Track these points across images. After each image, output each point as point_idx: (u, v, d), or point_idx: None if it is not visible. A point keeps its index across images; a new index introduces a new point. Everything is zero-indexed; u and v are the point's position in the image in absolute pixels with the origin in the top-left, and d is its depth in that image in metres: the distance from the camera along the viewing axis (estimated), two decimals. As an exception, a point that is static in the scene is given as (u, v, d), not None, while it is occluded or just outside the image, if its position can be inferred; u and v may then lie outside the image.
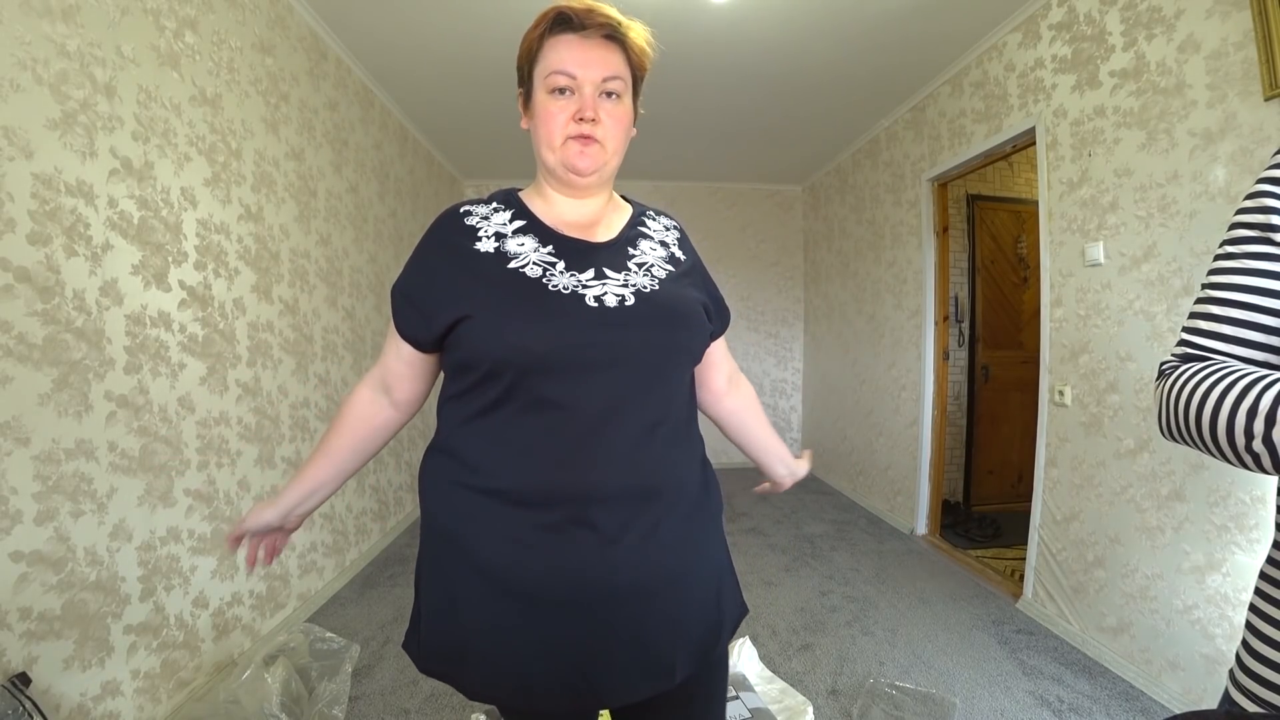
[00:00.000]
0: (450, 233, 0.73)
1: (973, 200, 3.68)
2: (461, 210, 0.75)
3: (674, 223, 0.85)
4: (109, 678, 1.43)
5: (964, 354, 3.72)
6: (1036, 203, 2.33)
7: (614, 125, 0.72)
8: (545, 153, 0.72)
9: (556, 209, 0.76)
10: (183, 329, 1.72)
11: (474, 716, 1.64)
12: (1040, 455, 2.32)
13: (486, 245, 0.71)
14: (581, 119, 0.69)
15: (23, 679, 1.18)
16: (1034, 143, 2.37)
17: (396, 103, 3.30)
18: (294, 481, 0.80)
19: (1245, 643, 0.55)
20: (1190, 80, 1.71)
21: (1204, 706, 1.52)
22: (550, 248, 0.72)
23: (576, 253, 0.72)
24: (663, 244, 0.80)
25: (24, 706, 1.14)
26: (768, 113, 3.48)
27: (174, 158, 1.68)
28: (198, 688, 1.71)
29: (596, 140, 0.71)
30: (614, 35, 0.70)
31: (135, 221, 1.55)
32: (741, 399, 0.94)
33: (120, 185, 1.50)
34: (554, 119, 0.70)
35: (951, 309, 3.55)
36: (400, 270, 0.78)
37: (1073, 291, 2.16)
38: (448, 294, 0.69)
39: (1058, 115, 2.21)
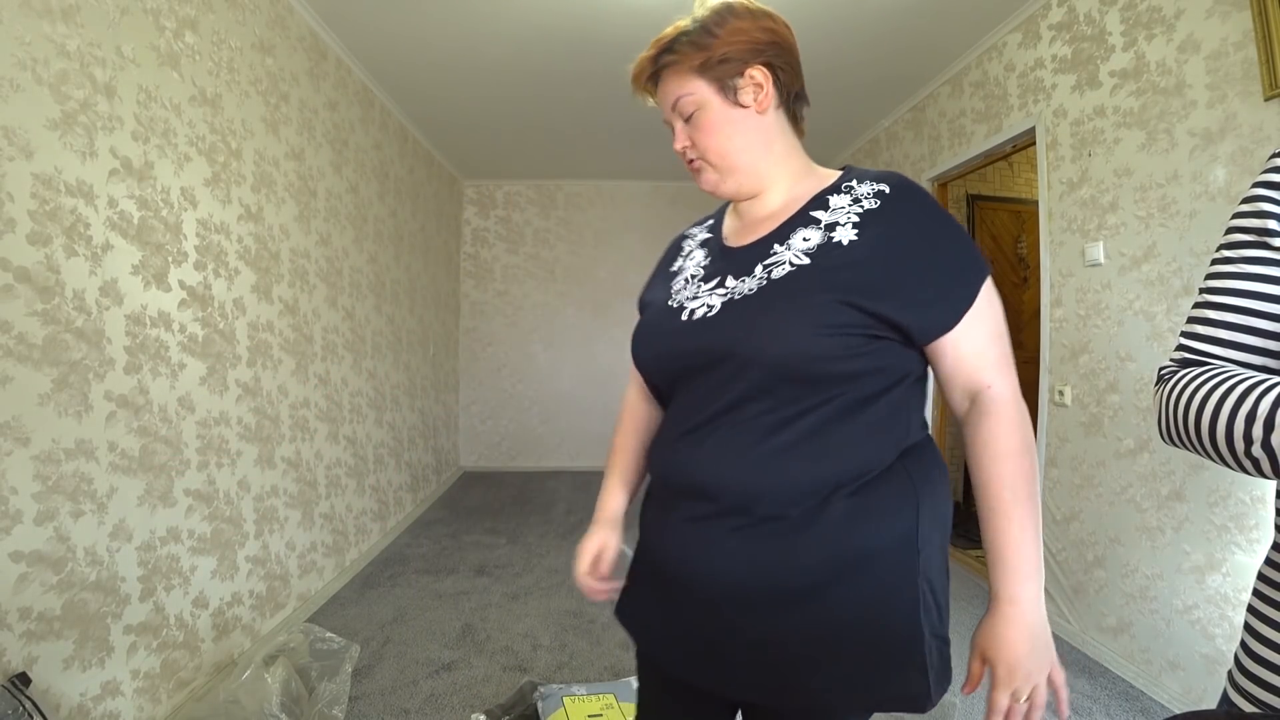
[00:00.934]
0: (665, 255, 0.88)
1: (973, 200, 3.68)
2: (683, 233, 0.88)
3: (878, 188, 0.68)
4: (109, 678, 1.43)
5: (964, 354, 3.71)
6: (1036, 203, 2.33)
7: (705, 139, 0.72)
8: None
9: (739, 210, 0.80)
10: (183, 329, 1.72)
11: (474, 716, 1.64)
12: (1040, 455, 2.32)
13: (679, 263, 0.82)
14: (681, 153, 0.76)
15: (23, 679, 1.18)
16: (1034, 143, 2.36)
17: (396, 103, 3.30)
18: (611, 493, 0.87)
19: (1243, 644, 0.55)
20: (1190, 80, 1.70)
21: (1204, 706, 1.52)
22: (711, 258, 0.77)
23: (719, 259, 0.75)
24: (828, 226, 0.67)
25: (24, 706, 1.14)
26: (768, 112, 3.47)
27: (174, 158, 1.68)
28: (198, 688, 1.71)
29: (698, 161, 0.75)
30: (655, 75, 0.74)
31: (135, 221, 1.55)
32: (973, 430, 0.66)
33: (120, 185, 1.50)
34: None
35: (951, 309, 3.55)
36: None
37: (1073, 291, 2.16)
38: None
39: (1058, 115, 2.21)
